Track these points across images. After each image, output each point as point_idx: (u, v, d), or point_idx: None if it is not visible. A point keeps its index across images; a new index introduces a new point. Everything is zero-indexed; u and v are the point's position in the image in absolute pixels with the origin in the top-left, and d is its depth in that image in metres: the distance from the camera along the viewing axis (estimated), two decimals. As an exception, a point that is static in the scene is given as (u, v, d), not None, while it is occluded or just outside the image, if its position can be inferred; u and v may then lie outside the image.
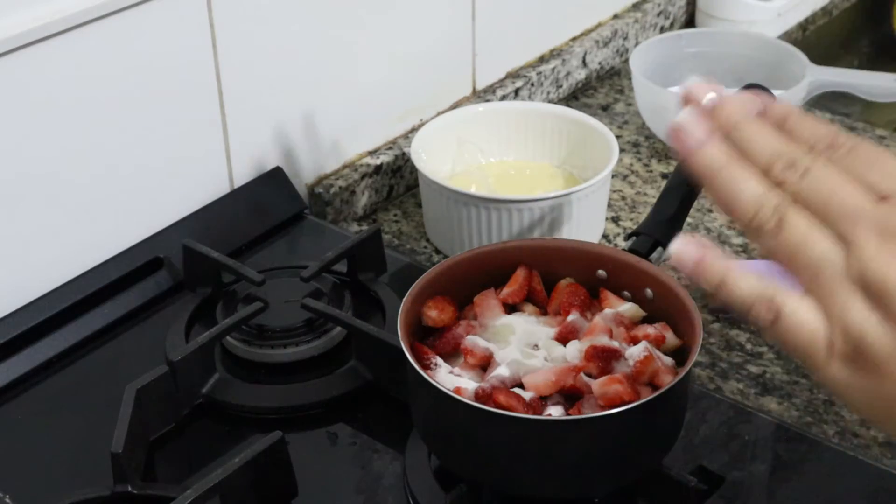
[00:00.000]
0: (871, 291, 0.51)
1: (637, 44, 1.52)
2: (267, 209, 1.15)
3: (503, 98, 1.37)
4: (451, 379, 0.83)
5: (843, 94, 1.37)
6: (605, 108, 1.45)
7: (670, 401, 0.81)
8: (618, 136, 1.30)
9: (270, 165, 1.16)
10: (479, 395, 0.81)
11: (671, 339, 0.86)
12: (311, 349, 0.99)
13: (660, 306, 0.88)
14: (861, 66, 1.67)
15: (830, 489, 0.87)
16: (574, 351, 0.84)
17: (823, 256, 0.53)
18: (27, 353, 0.98)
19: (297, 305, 0.99)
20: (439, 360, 0.85)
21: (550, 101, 1.43)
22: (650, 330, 0.86)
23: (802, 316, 0.53)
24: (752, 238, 0.55)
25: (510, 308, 0.91)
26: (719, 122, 0.57)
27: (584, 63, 1.47)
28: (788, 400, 0.98)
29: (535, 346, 0.86)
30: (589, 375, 0.82)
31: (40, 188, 0.98)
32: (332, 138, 1.22)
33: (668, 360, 0.84)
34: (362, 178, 1.23)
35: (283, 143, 1.17)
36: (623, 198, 1.26)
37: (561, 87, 1.45)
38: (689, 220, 1.16)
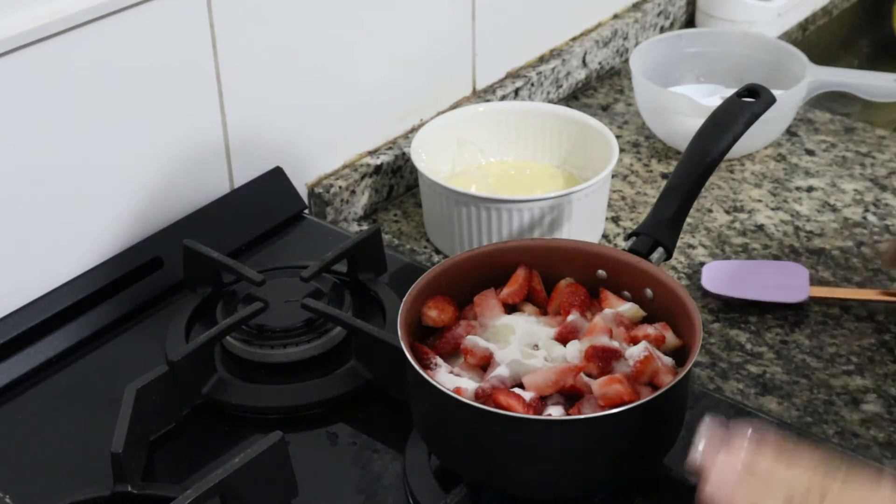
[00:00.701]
0: None
1: (637, 44, 1.52)
2: (267, 209, 1.15)
3: (503, 98, 1.37)
4: (451, 379, 0.83)
5: (843, 94, 1.37)
6: (605, 108, 1.45)
7: (670, 401, 0.81)
8: (618, 136, 1.30)
9: (270, 165, 1.16)
10: (479, 395, 0.81)
11: (671, 339, 0.86)
12: (311, 349, 0.99)
13: (660, 306, 0.88)
14: (861, 66, 1.67)
15: (830, 489, 0.87)
16: (574, 351, 0.84)
17: None
18: (27, 353, 0.98)
19: (297, 305, 0.99)
20: (439, 360, 0.85)
21: (550, 101, 1.43)
22: (650, 330, 0.86)
23: None
24: None
25: (510, 308, 0.91)
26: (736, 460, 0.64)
27: (584, 63, 1.47)
28: (788, 400, 0.98)
29: (535, 346, 0.86)
30: (589, 375, 0.82)
31: (40, 187, 0.98)
32: (332, 138, 1.22)
33: (668, 360, 0.84)
34: (362, 178, 1.23)
35: (283, 143, 1.17)
36: (623, 198, 1.26)
37: (561, 87, 1.45)
38: (689, 220, 1.16)
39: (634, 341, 0.85)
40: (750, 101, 0.99)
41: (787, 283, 1.10)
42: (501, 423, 0.78)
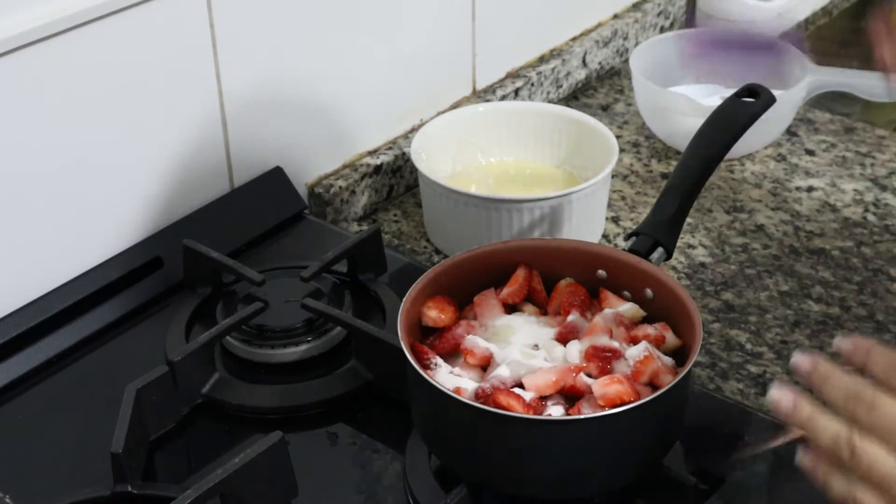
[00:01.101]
0: None
1: (637, 44, 1.52)
2: (267, 209, 1.15)
3: (503, 98, 1.37)
4: (451, 379, 0.83)
5: (843, 94, 1.37)
6: (605, 108, 1.45)
7: (670, 401, 0.81)
8: (618, 136, 1.30)
9: (270, 165, 1.16)
10: (479, 395, 0.81)
11: (671, 339, 0.86)
12: (311, 349, 0.99)
13: (660, 306, 0.88)
14: (861, 66, 1.67)
15: (830, 489, 0.87)
16: (574, 351, 0.84)
17: (890, 474, 0.66)
18: (27, 353, 0.98)
19: (297, 305, 0.99)
20: (439, 360, 0.85)
21: (550, 101, 1.43)
22: (650, 330, 0.86)
23: None
24: (834, 464, 0.69)
25: (510, 308, 0.91)
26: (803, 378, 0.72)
27: (584, 63, 1.47)
28: (788, 400, 0.98)
29: (535, 346, 0.86)
30: (589, 375, 0.82)
31: (40, 188, 0.98)
32: (332, 138, 1.22)
33: (668, 360, 0.84)
34: (362, 178, 1.23)
35: (283, 142, 1.17)
36: (623, 198, 1.26)
37: (561, 87, 1.45)
38: (689, 220, 1.16)
39: (634, 341, 0.85)
40: (750, 101, 0.99)
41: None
42: (501, 423, 0.78)
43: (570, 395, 0.82)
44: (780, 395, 0.71)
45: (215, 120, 1.10)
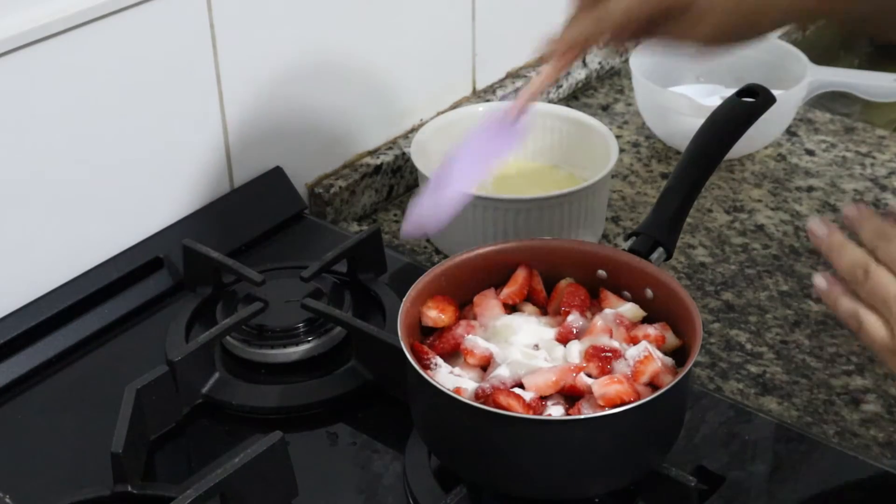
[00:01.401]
0: None
1: (637, 44, 1.52)
2: (267, 209, 1.15)
3: (503, 98, 1.37)
4: (451, 379, 0.83)
5: (843, 94, 1.37)
6: (605, 108, 1.45)
7: (670, 401, 0.81)
8: (618, 136, 1.30)
9: (270, 165, 1.16)
10: (479, 395, 0.81)
11: (671, 339, 0.86)
12: (311, 349, 0.99)
13: (660, 306, 0.88)
14: (861, 66, 1.67)
15: (830, 489, 0.87)
16: (574, 351, 0.84)
17: (892, 296, 0.75)
18: (27, 353, 0.98)
19: (297, 305, 0.99)
20: (439, 360, 0.85)
21: (550, 101, 1.43)
22: (650, 330, 0.86)
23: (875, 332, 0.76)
24: (847, 289, 0.78)
25: (510, 308, 0.91)
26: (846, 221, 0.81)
27: (584, 63, 1.47)
28: (788, 400, 0.98)
29: (536, 346, 0.86)
30: (589, 375, 0.82)
31: (40, 188, 0.98)
32: (332, 138, 1.22)
33: (668, 360, 0.84)
34: (362, 178, 1.23)
35: (283, 143, 1.17)
36: (623, 198, 1.26)
37: (561, 87, 1.45)
38: (689, 220, 1.16)
39: (634, 341, 0.85)
40: (750, 101, 0.99)
41: None
42: (501, 423, 0.78)
43: (570, 395, 0.82)
44: (817, 225, 0.80)
45: (215, 120, 1.10)
